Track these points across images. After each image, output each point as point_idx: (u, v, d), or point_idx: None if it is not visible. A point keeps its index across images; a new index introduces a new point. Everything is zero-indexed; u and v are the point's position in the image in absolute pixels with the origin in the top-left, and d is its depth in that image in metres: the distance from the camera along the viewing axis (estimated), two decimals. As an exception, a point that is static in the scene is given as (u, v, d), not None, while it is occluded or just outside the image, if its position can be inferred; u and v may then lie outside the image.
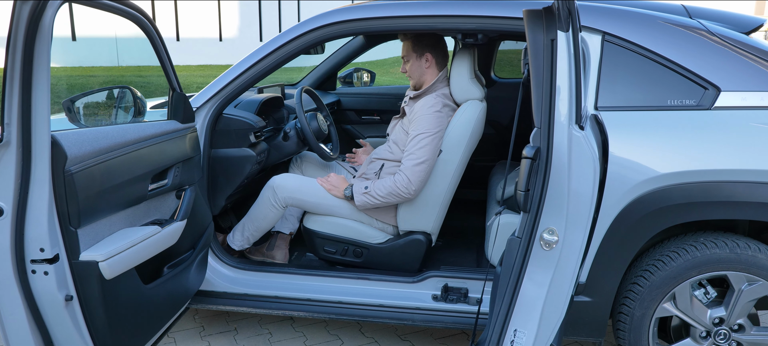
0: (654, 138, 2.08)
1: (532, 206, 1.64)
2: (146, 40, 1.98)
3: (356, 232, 2.66)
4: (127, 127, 1.86)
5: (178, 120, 2.22)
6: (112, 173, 1.73)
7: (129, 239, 1.76)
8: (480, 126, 2.61)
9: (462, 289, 2.49)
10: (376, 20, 2.38)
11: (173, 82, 2.16)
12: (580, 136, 1.68)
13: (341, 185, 2.64)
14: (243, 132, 2.60)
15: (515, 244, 1.71)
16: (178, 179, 2.14)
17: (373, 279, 2.56)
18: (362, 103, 4.12)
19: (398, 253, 2.64)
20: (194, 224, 2.28)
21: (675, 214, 2.08)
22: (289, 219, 2.96)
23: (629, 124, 2.09)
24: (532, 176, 1.61)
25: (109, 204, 1.75)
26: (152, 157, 1.95)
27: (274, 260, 2.85)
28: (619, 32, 2.15)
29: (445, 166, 2.54)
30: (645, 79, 2.12)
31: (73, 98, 2.04)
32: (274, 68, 2.49)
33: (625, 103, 2.12)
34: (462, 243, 3.15)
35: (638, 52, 2.13)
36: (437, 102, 2.52)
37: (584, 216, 1.68)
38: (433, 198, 2.57)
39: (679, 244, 2.19)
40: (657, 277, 2.17)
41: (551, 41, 1.60)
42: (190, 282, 2.29)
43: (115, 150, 1.75)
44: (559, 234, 1.68)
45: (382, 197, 2.49)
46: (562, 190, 1.66)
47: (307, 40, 2.45)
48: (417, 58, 2.64)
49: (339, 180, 2.66)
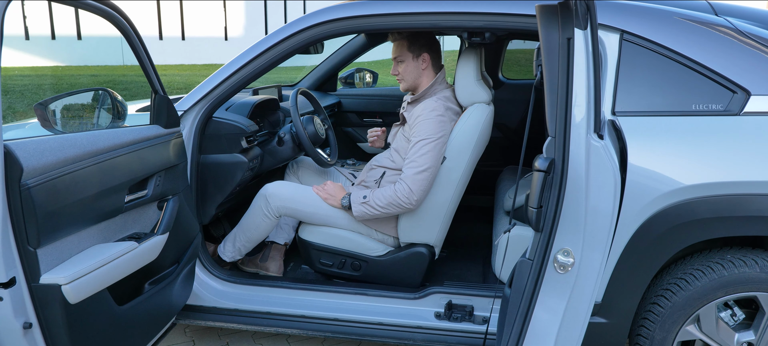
0: (677, 146, 1.92)
1: (546, 224, 1.46)
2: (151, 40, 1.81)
3: (354, 244, 2.50)
4: (99, 134, 1.70)
5: (160, 125, 2.06)
6: (80, 185, 1.57)
7: (99, 257, 1.60)
8: (487, 131, 2.44)
9: (467, 306, 2.32)
10: (376, 18, 2.22)
11: (155, 84, 2.00)
12: (600, 147, 1.50)
13: (338, 193, 2.47)
14: (234, 137, 2.44)
15: (526, 266, 1.54)
16: (159, 188, 1.98)
17: (371, 295, 2.39)
18: (364, 104, 3.96)
19: (399, 266, 2.47)
20: (179, 237, 2.12)
21: (700, 229, 1.91)
22: (284, 228, 2.80)
23: (649, 130, 1.93)
24: (545, 191, 1.43)
25: (76, 220, 1.58)
26: (129, 166, 1.79)
27: (268, 272, 2.69)
28: (639, 30, 1.98)
29: (450, 173, 2.37)
30: (667, 81, 1.96)
31: (46, 102, 1.89)
32: (267, 69, 2.33)
33: (645, 108, 1.95)
34: (467, 254, 2.98)
35: (659, 52, 1.96)
36: (439, 105, 2.35)
37: (603, 236, 1.51)
38: (436, 208, 2.40)
39: (703, 261, 2.01)
40: (679, 297, 2.00)
41: (567, 40, 1.43)
42: (174, 298, 2.13)
43: (83, 160, 1.59)
44: (575, 256, 1.50)
45: (382, 208, 2.33)
46: (579, 207, 1.48)
47: (302, 38, 2.28)
48: (413, 59, 2.47)
49: (336, 188, 2.49)
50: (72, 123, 1.96)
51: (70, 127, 1.94)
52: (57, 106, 1.91)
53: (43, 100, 1.87)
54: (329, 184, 2.51)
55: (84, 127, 2.01)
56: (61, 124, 1.92)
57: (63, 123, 1.92)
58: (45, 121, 1.88)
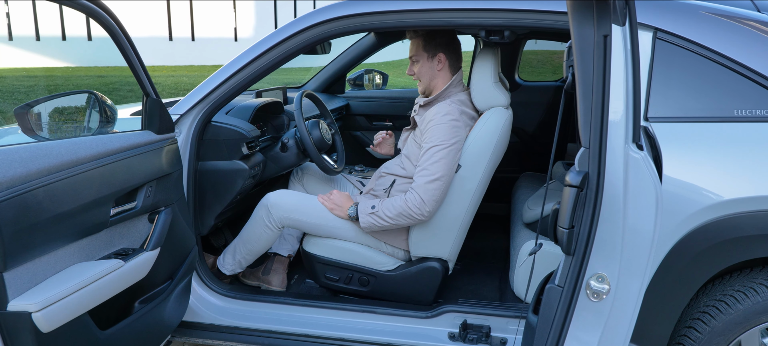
0: (717, 155, 1.76)
1: (578, 247, 1.29)
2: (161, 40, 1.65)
3: (362, 257, 2.33)
4: (80, 142, 1.54)
5: (153, 130, 1.90)
6: (56, 198, 1.41)
7: (78, 279, 1.44)
8: (505, 137, 2.26)
9: (483, 327, 2.15)
10: (387, 15, 2.05)
11: (146, 86, 1.84)
12: (640, 159, 1.32)
13: (345, 203, 2.30)
14: (234, 142, 2.28)
15: (556, 294, 1.36)
16: (150, 199, 1.82)
17: (380, 312, 2.23)
18: (373, 107, 3.79)
19: (410, 282, 2.30)
20: (173, 251, 1.97)
21: (743, 248, 1.74)
22: (287, 240, 2.64)
23: (686, 138, 1.77)
24: (578, 210, 1.26)
25: (52, 237, 1.43)
26: (115, 176, 1.63)
27: (270, 286, 2.53)
28: (674, 29, 1.81)
29: (465, 183, 2.19)
30: (705, 84, 1.79)
31: (27, 106, 1.74)
32: (268, 70, 2.18)
33: (682, 113, 1.79)
34: (482, 268, 2.80)
35: (697, 52, 1.79)
36: (453, 109, 2.18)
37: (642, 260, 1.33)
38: (450, 220, 2.23)
39: (745, 282, 1.84)
40: (719, 322, 1.82)
41: (604, 38, 1.25)
42: (167, 317, 1.98)
43: (61, 170, 1.43)
44: (610, 282, 1.33)
45: (391, 219, 2.16)
46: (616, 227, 1.31)
47: (306, 37, 2.12)
48: (428, 59, 2.30)
49: (342, 198, 2.32)
50: (55, 129, 1.81)
51: (52, 133, 1.79)
52: (39, 111, 1.76)
53: (24, 104, 1.72)
54: (335, 193, 2.35)
55: (68, 133, 1.86)
56: (43, 130, 1.76)
57: (45, 128, 1.77)
58: (26, 127, 1.73)
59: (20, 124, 1.74)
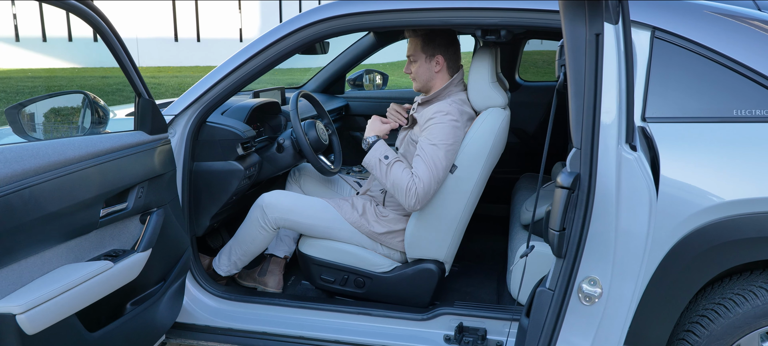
0: (716, 156, 1.72)
1: (570, 249, 1.26)
2: (166, 41, 1.64)
3: (358, 259, 2.31)
4: (68, 142, 1.53)
5: (145, 131, 1.89)
6: (42, 199, 1.40)
7: (65, 280, 1.42)
8: (502, 138, 2.23)
9: (479, 330, 2.12)
10: (382, 14, 2.03)
11: (138, 87, 1.83)
12: (633, 160, 1.30)
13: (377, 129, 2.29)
14: (228, 143, 2.27)
15: (546, 297, 1.33)
16: (141, 200, 1.80)
17: (375, 315, 2.21)
18: (373, 107, 3.77)
19: (406, 284, 2.28)
20: (166, 252, 1.95)
21: (743, 250, 1.71)
22: (284, 241, 2.62)
23: (685, 138, 1.74)
24: (569, 211, 1.23)
25: (38, 239, 1.41)
26: (105, 177, 1.62)
27: (266, 287, 2.51)
28: (673, 27, 1.78)
29: (461, 184, 2.17)
30: (704, 84, 1.76)
31: (20, 105, 1.73)
32: (264, 70, 2.16)
33: (680, 114, 1.76)
34: (480, 270, 2.78)
35: (696, 51, 1.76)
36: (453, 109, 2.15)
37: (635, 262, 1.31)
38: (446, 222, 2.21)
39: (745, 285, 1.80)
40: (717, 325, 1.79)
41: (596, 36, 1.23)
42: (160, 318, 1.96)
43: (47, 171, 1.42)
44: (603, 285, 1.30)
45: (387, 184, 2.15)
46: (609, 229, 1.28)
47: (302, 36, 2.10)
48: (426, 60, 2.27)
49: (378, 125, 2.31)
50: (46, 129, 1.79)
51: (43, 133, 1.78)
52: (30, 111, 1.75)
53: (16, 104, 1.71)
54: (375, 118, 2.34)
55: (59, 133, 1.85)
56: (34, 130, 1.75)
57: (36, 129, 1.76)
58: (16, 127, 1.72)
59: (11, 125, 1.73)
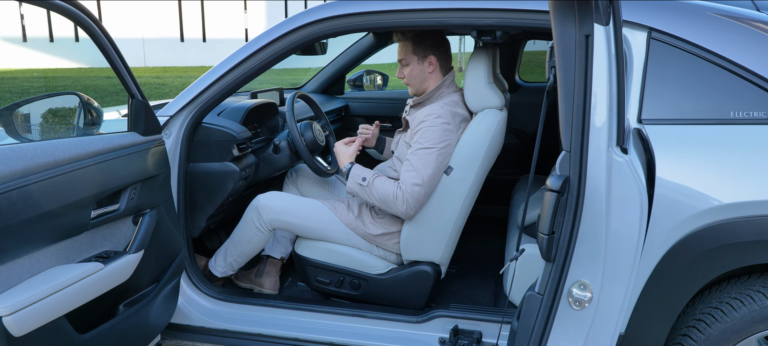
0: (713, 159, 1.70)
1: (559, 253, 1.25)
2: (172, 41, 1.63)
3: (353, 260, 2.30)
4: (59, 143, 1.52)
5: (138, 132, 1.88)
6: (31, 201, 1.39)
7: (53, 282, 1.42)
8: (498, 140, 2.22)
9: (475, 333, 2.11)
10: (378, 15, 2.02)
11: (131, 88, 1.82)
12: (623, 163, 1.28)
13: (344, 158, 2.29)
14: (224, 144, 2.26)
15: (535, 302, 1.32)
16: (134, 201, 1.80)
17: (370, 317, 2.19)
18: (373, 108, 3.76)
19: (401, 286, 2.27)
20: (159, 253, 1.95)
21: (740, 254, 1.69)
22: (280, 242, 2.61)
23: (681, 141, 1.71)
24: (558, 215, 1.22)
25: (26, 240, 1.41)
26: (96, 178, 1.62)
27: (263, 289, 2.50)
28: (669, 28, 1.76)
29: (457, 186, 2.15)
30: (701, 85, 1.73)
31: (12, 106, 1.73)
32: (260, 71, 2.15)
33: (676, 116, 1.73)
34: (477, 272, 2.76)
35: (693, 52, 1.74)
36: (445, 112, 2.14)
37: (626, 266, 1.29)
38: (442, 224, 2.19)
39: (742, 289, 1.78)
40: (715, 330, 1.77)
41: (586, 37, 1.21)
42: (153, 320, 1.96)
43: (36, 173, 1.42)
44: (593, 290, 1.29)
45: (376, 202, 2.16)
46: (599, 232, 1.27)
47: (298, 37, 2.10)
48: (418, 62, 2.26)
49: (345, 151, 2.31)
50: (38, 130, 1.79)
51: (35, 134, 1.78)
52: (22, 112, 1.75)
53: (8, 106, 1.71)
54: (340, 144, 2.34)
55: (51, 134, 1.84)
56: (26, 131, 1.75)
57: (27, 129, 1.76)
58: (9, 129, 1.72)
59: (4, 126, 1.73)
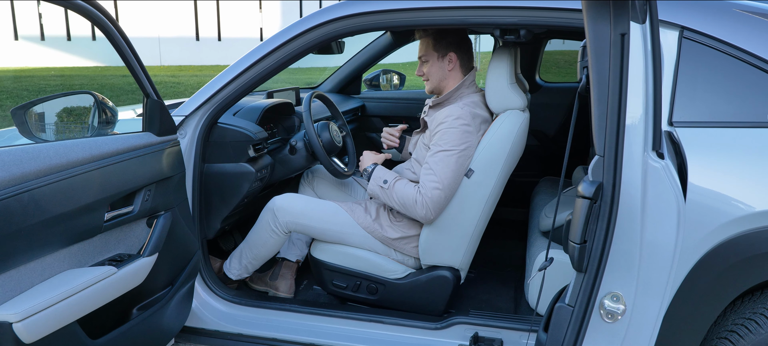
0: (748, 163, 1.63)
1: (591, 263, 1.18)
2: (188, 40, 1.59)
3: (371, 264, 2.25)
4: (71, 144, 1.49)
5: (153, 132, 1.85)
6: (43, 204, 1.36)
7: (65, 287, 1.38)
8: (521, 142, 2.16)
9: (495, 340, 2.05)
10: (396, 13, 1.97)
11: (146, 87, 1.79)
12: (660, 168, 1.22)
13: (368, 160, 2.31)
14: (240, 144, 2.22)
15: (566, 313, 1.26)
16: (148, 203, 1.76)
17: (387, 322, 2.14)
18: (389, 108, 3.71)
19: (420, 291, 2.21)
20: (174, 256, 1.91)
21: None
22: (296, 244, 2.57)
23: (715, 144, 1.64)
24: (590, 223, 1.16)
25: (38, 244, 1.38)
26: (109, 180, 1.58)
27: (278, 292, 2.46)
28: (703, 27, 1.68)
29: (478, 189, 2.09)
30: (736, 86, 1.66)
31: (25, 106, 1.70)
32: (276, 70, 2.11)
33: (710, 118, 1.66)
34: (497, 276, 2.70)
35: (727, 52, 1.67)
36: (465, 112, 2.08)
37: (662, 277, 1.22)
38: (462, 227, 2.14)
39: (778, 300, 1.69)
40: (748, 342, 1.69)
41: (621, 36, 1.15)
42: (167, 323, 1.92)
43: (48, 174, 1.38)
44: (626, 302, 1.22)
45: (396, 205, 2.14)
46: (633, 242, 1.20)
47: (314, 37, 2.05)
48: (438, 59, 2.21)
49: (370, 155, 2.33)
50: (51, 130, 1.76)
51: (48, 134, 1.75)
52: (36, 112, 1.72)
53: (21, 105, 1.68)
54: (368, 153, 2.36)
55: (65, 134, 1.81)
56: (40, 131, 1.72)
57: (42, 129, 1.73)
58: (23, 128, 1.69)
59: (17, 126, 1.70)
